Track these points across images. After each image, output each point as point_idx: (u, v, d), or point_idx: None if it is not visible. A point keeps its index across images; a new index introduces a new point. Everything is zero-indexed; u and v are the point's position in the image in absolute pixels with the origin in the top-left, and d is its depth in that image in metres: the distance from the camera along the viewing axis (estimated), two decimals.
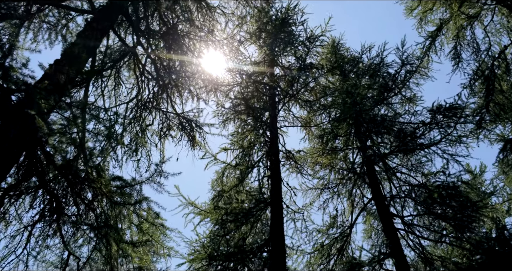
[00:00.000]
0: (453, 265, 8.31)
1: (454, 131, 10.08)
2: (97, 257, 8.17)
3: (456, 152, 10.25)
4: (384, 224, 10.27)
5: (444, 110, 9.98)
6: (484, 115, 10.70)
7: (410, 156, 11.13)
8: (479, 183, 12.03)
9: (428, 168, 10.93)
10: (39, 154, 6.59)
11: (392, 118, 11.63)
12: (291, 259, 11.36)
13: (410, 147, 10.64)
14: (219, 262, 10.10)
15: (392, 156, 11.34)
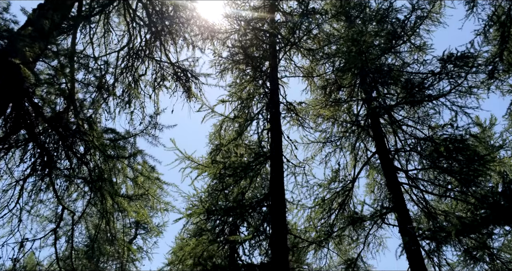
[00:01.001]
0: (457, 219, 8.49)
1: (464, 81, 9.97)
2: (92, 212, 8.35)
3: (465, 104, 10.20)
4: (387, 178, 10.40)
5: (455, 59, 9.81)
6: (497, 64, 10.52)
7: (417, 108, 11.09)
8: (488, 136, 12.07)
9: (435, 120, 10.93)
10: (27, 105, 6.54)
11: (400, 68, 11.46)
12: (291, 213, 11.62)
13: (417, 99, 10.57)
14: (217, 217, 10.33)
15: (398, 108, 11.30)
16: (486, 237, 9.49)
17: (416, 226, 9.61)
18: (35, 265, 8.79)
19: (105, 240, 9.38)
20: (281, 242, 9.38)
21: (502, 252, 10.59)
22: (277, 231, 9.48)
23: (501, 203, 8.46)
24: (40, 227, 7.95)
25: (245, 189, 10.90)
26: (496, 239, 11.37)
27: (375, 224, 10.75)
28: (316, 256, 11.72)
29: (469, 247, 10.03)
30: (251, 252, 11.14)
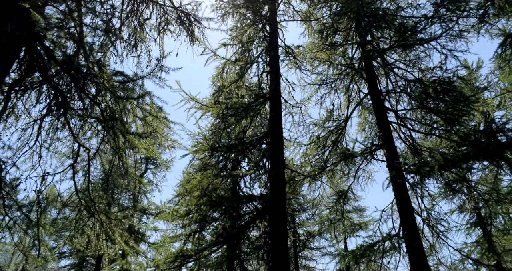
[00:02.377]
0: (440, 155, 8.70)
1: (455, 25, 9.76)
2: (105, 148, 8.51)
3: (455, 47, 10.05)
4: (378, 118, 10.51)
5: (448, 3, 9.54)
6: (489, 8, 10.23)
7: (409, 51, 10.95)
8: (474, 78, 12.04)
9: (425, 63, 10.84)
10: (39, 49, 6.46)
11: (394, 12, 11.14)
12: (288, 150, 11.84)
13: (409, 42, 10.41)
14: (220, 153, 10.54)
15: (391, 51, 11.15)
16: (466, 171, 9.77)
17: (403, 161, 9.85)
18: (56, 197, 9.08)
19: (118, 174, 9.65)
20: (279, 176, 9.65)
21: (479, 185, 10.96)
22: (275, 165, 9.73)
23: (482, 140, 8.63)
24: (59, 163, 8.15)
25: (246, 127, 11.03)
26: (475, 173, 11.71)
27: (365, 160, 11.01)
28: (310, 188, 12.12)
29: (449, 180, 10.34)
30: (251, 184, 11.49)
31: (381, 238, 9.49)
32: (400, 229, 9.30)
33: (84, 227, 8.46)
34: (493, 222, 12.13)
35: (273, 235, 9.10)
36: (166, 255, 9.72)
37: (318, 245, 20.16)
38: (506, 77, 11.77)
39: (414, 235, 8.81)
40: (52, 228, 8.56)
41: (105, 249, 8.62)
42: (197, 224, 10.75)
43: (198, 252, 9.91)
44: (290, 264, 11.24)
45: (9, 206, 7.66)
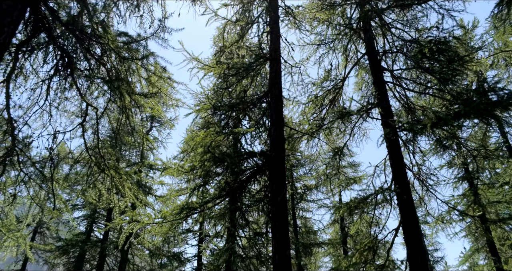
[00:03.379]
0: (433, 113, 8.70)
1: None
2: (112, 108, 8.50)
3: (452, 7, 9.80)
4: (374, 77, 10.42)
5: None
6: None
7: (406, 11, 10.67)
8: (469, 38, 11.81)
9: (422, 23, 10.61)
10: (43, 9, 6.30)
11: None
12: (287, 108, 11.84)
13: (408, 2, 10.12)
14: (222, 112, 10.54)
15: (389, 11, 10.87)
16: (457, 128, 9.81)
17: (397, 119, 9.88)
18: (67, 153, 9.21)
19: (125, 132, 9.71)
20: (278, 133, 9.72)
21: (468, 141, 11.05)
22: (275, 123, 9.76)
23: (473, 99, 8.61)
24: (68, 121, 8.18)
25: (246, 87, 10.97)
26: (465, 130, 11.79)
27: (361, 118, 11.03)
28: (308, 145, 12.23)
29: (440, 137, 10.42)
30: (252, 141, 11.59)
31: (374, 192, 9.69)
32: (392, 183, 9.48)
33: (95, 182, 8.62)
34: (480, 176, 12.37)
35: (272, 188, 9.29)
36: (173, 207, 9.96)
37: (315, 198, 20.66)
38: (500, 37, 11.57)
39: (405, 188, 9.00)
40: (65, 182, 8.72)
41: (116, 202, 8.84)
42: (201, 179, 10.94)
43: (202, 205, 10.16)
44: (288, 215, 11.54)
45: (23, 162, 7.78)
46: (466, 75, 9.95)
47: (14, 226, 9.06)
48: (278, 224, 8.81)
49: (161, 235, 10.86)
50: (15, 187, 8.01)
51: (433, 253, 29.39)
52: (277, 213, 8.95)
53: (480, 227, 14.17)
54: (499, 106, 7.78)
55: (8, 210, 8.63)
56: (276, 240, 8.63)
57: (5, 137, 7.34)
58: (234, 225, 12.48)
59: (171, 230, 10.26)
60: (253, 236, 12.90)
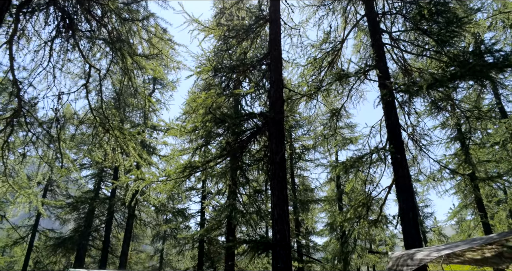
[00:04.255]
0: (429, 75, 8.61)
1: None
2: (115, 69, 8.39)
3: None
4: (373, 39, 10.21)
5: None
6: None
7: None
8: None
9: None
10: None
11: None
12: (286, 70, 11.69)
13: None
14: (223, 74, 10.42)
15: None
16: (452, 90, 9.74)
17: (394, 81, 9.78)
18: (72, 114, 9.18)
19: (128, 94, 9.64)
20: (277, 95, 9.66)
21: (462, 103, 11.00)
22: (274, 85, 9.68)
23: (470, 61, 8.47)
24: (72, 83, 8.09)
25: (246, 49, 10.77)
26: (460, 92, 11.71)
27: (359, 80, 10.92)
28: (306, 107, 12.19)
29: (435, 99, 10.37)
30: (252, 103, 11.54)
31: (369, 151, 9.78)
32: (387, 143, 9.54)
33: (101, 142, 8.66)
34: (472, 136, 12.41)
35: (271, 148, 9.36)
36: (176, 166, 10.08)
37: (312, 157, 20.88)
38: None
39: (399, 148, 9.07)
40: (71, 142, 8.77)
41: (121, 161, 8.93)
42: (203, 139, 11.00)
43: (204, 164, 10.28)
44: (287, 173, 11.71)
45: (31, 123, 7.78)
46: (464, 37, 9.74)
47: (26, 183, 9.21)
48: (277, 182, 8.96)
49: (165, 192, 11.07)
50: (24, 147, 8.06)
51: (423, 209, 30.14)
52: (276, 172, 9.07)
53: (469, 184, 14.40)
54: (494, 68, 7.67)
55: (19, 169, 8.74)
56: (275, 196, 8.81)
57: (11, 98, 7.30)
58: (235, 183, 12.69)
59: (175, 187, 10.45)
60: (253, 193, 13.15)
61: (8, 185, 8.51)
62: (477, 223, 16.74)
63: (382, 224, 10.77)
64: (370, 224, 10.40)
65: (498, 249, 5.79)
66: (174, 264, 24.61)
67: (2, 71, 7.07)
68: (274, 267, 8.31)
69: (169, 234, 22.06)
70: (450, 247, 4.95)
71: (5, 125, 7.30)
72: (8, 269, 25.30)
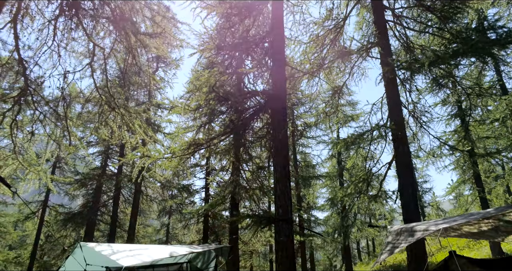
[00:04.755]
0: (431, 52, 8.50)
1: None
2: (119, 48, 8.34)
3: None
4: (375, 16, 10.04)
5: None
6: None
7: None
8: None
9: None
10: None
11: None
12: (289, 48, 11.55)
13: None
14: (226, 52, 10.31)
15: None
16: (453, 67, 9.64)
17: (396, 58, 9.68)
18: (78, 93, 9.18)
19: (133, 72, 9.61)
20: (279, 73, 9.59)
21: (463, 80, 10.91)
22: (276, 63, 9.60)
23: (472, 37, 8.35)
24: (77, 62, 8.06)
25: (249, 27, 10.61)
26: (461, 69, 11.59)
27: (361, 57, 10.81)
28: (308, 84, 12.11)
29: (437, 76, 10.28)
30: (255, 81, 11.47)
31: (370, 128, 9.79)
32: (387, 120, 9.54)
33: (107, 120, 8.70)
34: (472, 113, 12.37)
35: (274, 126, 9.38)
36: (181, 143, 10.14)
37: (314, 135, 20.92)
38: None
39: (400, 125, 9.07)
40: (78, 120, 8.82)
41: (127, 139, 8.99)
42: (206, 117, 11.01)
43: (208, 141, 10.33)
44: (289, 150, 11.77)
45: (38, 102, 7.81)
46: (467, 13, 9.55)
47: (35, 161, 9.32)
48: (279, 159, 9.02)
49: (171, 169, 11.18)
50: (32, 125, 8.12)
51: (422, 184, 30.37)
52: (278, 148, 9.12)
53: (468, 160, 14.46)
54: (497, 45, 7.57)
55: (28, 147, 8.82)
56: (277, 173, 8.89)
57: (17, 77, 7.30)
58: (238, 160, 12.79)
59: (180, 164, 10.55)
60: (256, 170, 13.27)
61: (18, 162, 8.61)
62: (474, 198, 16.90)
63: (382, 199, 10.89)
64: (370, 199, 10.53)
65: (495, 223, 5.88)
66: (180, 238, 25.11)
67: (8, 51, 7.03)
68: (276, 240, 8.48)
69: (174, 209, 22.42)
70: (448, 221, 5.03)
71: (12, 104, 7.33)
72: (21, 242, 25.92)
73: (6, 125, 7.86)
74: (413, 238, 4.81)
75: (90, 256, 4.74)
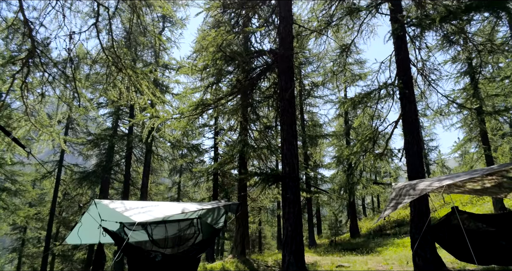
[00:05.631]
0: (443, 7, 8.16)
1: None
2: (123, 7, 8.13)
3: None
4: None
5: None
6: None
7: None
8: None
9: None
10: None
11: None
12: (296, 5, 11.22)
13: None
14: (232, 10, 10.04)
15: None
16: (465, 23, 9.29)
17: (406, 15, 9.33)
18: (85, 54, 9.08)
19: (138, 32, 9.43)
20: (287, 31, 9.36)
21: (475, 36, 10.55)
22: (283, 21, 9.35)
23: None
24: (83, 22, 7.94)
25: None
26: (473, 25, 11.16)
27: (370, 14, 10.44)
28: (316, 43, 11.84)
29: (448, 32, 9.95)
30: (261, 40, 11.25)
31: (377, 87, 9.64)
32: (395, 78, 9.37)
33: (115, 81, 8.67)
34: (482, 71, 12.08)
35: (281, 85, 9.29)
36: (189, 104, 10.15)
37: (321, 94, 20.72)
38: None
39: (408, 83, 8.92)
40: (87, 82, 8.79)
41: (136, 100, 8.99)
42: (213, 77, 10.92)
43: (216, 101, 10.32)
44: (296, 110, 11.73)
45: (46, 63, 7.76)
46: None
47: (47, 122, 9.42)
48: (286, 118, 9.02)
49: (180, 129, 11.27)
50: (42, 87, 8.13)
51: (428, 143, 30.39)
52: (286, 108, 9.09)
53: (476, 118, 14.31)
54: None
55: (39, 109, 8.89)
56: (284, 132, 8.93)
57: (24, 38, 7.21)
58: (246, 120, 12.81)
59: (189, 124, 10.62)
60: (263, 129, 13.33)
61: (31, 124, 8.72)
62: (480, 155, 16.91)
63: (387, 157, 10.96)
64: (375, 157, 10.59)
65: (498, 179, 5.90)
66: (191, 195, 25.82)
67: (13, 12, 6.91)
68: (283, 197, 8.68)
69: (185, 168, 22.84)
70: (452, 178, 5.06)
71: (21, 66, 7.31)
72: (40, 200, 26.87)
73: (16, 87, 7.88)
74: (416, 194, 4.88)
75: (105, 213, 4.90)
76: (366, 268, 9.76)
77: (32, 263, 29.01)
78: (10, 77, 7.69)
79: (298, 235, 8.16)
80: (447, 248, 6.44)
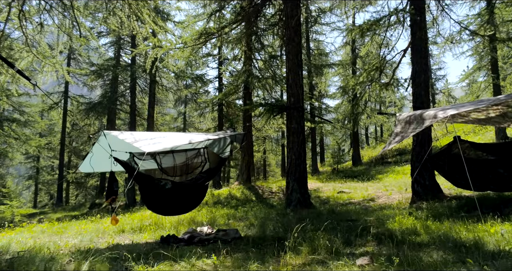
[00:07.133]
0: None
1: None
2: None
3: None
4: None
5: None
6: None
7: None
8: None
9: None
10: None
11: None
12: None
13: None
14: None
15: None
16: None
17: None
18: None
19: None
20: None
21: None
22: None
23: None
24: None
25: None
26: None
27: None
28: None
29: None
30: None
31: (388, 13, 9.22)
32: (407, 3, 8.92)
33: (114, 9, 8.35)
34: None
35: (286, 12, 8.93)
36: (192, 33, 9.87)
37: (328, 21, 19.93)
38: None
39: (420, 9, 8.51)
40: (85, 10, 8.48)
41: (137, 29, 8.73)
42: (216, 4, 10.46)
43: (219, 30, 10.01)
44: (302, 38, 11.37)
45: None
46: None
47: (48, 53, 9.29)
48: (292, 47, 8.81)
49: (183, 59, 11.11)
50: (40, 16, 7.87)
51: (436, 71, 29.88)
52: (291, 36, 8.83)
53: (488, 46, 13.87)
54: None
55: (39, 39, 8.71)
56: (289, 61, 8.78)
57: None
58: (250, 49, 12.53)
59: (192, 54, 10.44)
60: (268, 59, 13.09)
61: (33, 55, 8.61)
62: (488, 85, 16.69)
63: (394, 87, 10.88)
64: (381, 86, 10.50)
65: (504, 109, 5.91)
66: (196, 125, 26.21)
67: None
68: (288, 127, 8.82)
69: (190, 98, 22.90)
70: (456, 107, 5.07)
71: None
72: (49, 130, 27.50)
73: (14, 16, 7.64)
74: (421, 127, 4.93)
75: (115, 143, 5.07)
76: (366, 194, 10.23)
77: (48, 189, 30.65)
78: (6, 6, 7.43)
79: (301, 163, 8.45)
80: (446, 175, 6.68)
